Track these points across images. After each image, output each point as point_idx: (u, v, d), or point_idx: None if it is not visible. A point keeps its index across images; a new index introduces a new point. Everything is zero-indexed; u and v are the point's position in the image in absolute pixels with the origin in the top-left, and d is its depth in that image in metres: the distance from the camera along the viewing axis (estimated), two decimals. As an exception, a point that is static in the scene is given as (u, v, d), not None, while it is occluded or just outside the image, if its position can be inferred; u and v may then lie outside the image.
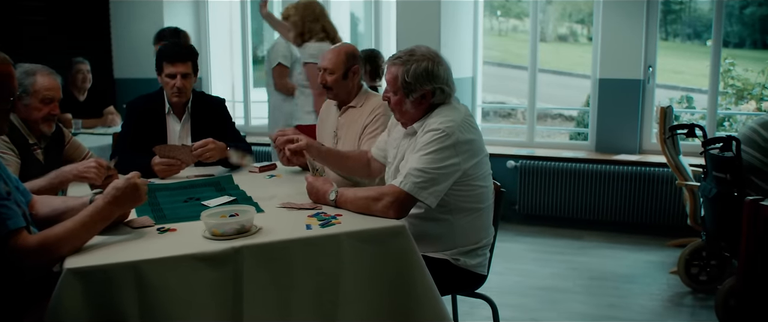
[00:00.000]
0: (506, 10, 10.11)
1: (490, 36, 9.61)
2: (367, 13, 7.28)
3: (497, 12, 9.73)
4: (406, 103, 2.68)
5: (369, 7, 6.80)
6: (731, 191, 3.66)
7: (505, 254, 5.00)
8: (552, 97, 9.15)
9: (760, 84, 6.73)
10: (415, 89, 2.64)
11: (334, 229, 2.36)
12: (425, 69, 2.63)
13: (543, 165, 5.79)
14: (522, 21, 8.94)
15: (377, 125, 3.33)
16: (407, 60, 2.66)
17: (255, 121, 7.21)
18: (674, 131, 4.53)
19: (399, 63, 2.67)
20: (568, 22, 10.26)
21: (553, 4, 8.48)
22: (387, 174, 2.88)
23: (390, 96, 2.72)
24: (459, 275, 2.76)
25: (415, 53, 2.68)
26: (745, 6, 6.99)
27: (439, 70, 2.66)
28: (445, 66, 2.69)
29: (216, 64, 7.21)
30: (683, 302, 4.23)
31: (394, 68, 2.68)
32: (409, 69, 2.63)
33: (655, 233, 5.52)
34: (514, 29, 10.59)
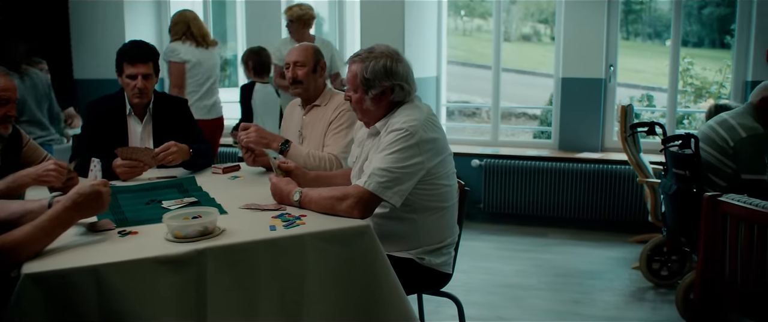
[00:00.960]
0: (470, 10, 10.15)
1: (455, 35, 9.64)
2: (331, 13, 7.26)
3: (461, 12, 9.77)
4: (367, 101, 2.68)
5: (333, 7, 6.79)
6: (690, 187, 3.73)
7: (471, 253, 5.03)
8: (516, 96, 9.20)
9: (718, 83, 6.85)
10: (374, 86, 2.65)
11: (299, 229, 2.34)
12: (384, 66, 2.65)
13: (507, 164, 5.84)
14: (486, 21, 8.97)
15: (341, 121, 3.33)
16: (366, 57, 2.67)
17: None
18: (635, 129, 4.60)
19: (358, 61, 2.68)
20: (531, 22, 10.33)
21: (517, 4, 8.53)
22: (352, 174, 2.88)
23: (351, 94, 2.73)
24: (424, 274, 2.77)
25: (374, 51, 2.69)
26: (704, 6, 7.11)
27: (397, 67, 2.67)
28: (405, 64, 2.71)
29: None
30: (645, 296, 4.30)
31: (354, 66, 2.69)
32: (368, 66, 2.65)
33: (618, 229, 5.60)
34: (478, 29, 10.63)
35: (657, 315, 3.99)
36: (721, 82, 6.75)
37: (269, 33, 6.41)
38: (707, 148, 3.86)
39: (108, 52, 5.04)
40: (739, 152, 3.75)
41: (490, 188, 5.89)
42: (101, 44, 6.47)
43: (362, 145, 2.83)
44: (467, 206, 5.86)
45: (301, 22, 5.50)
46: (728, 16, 5.85)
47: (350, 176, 2.90)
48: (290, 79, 3.44)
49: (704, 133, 3.93)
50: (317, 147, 3.40)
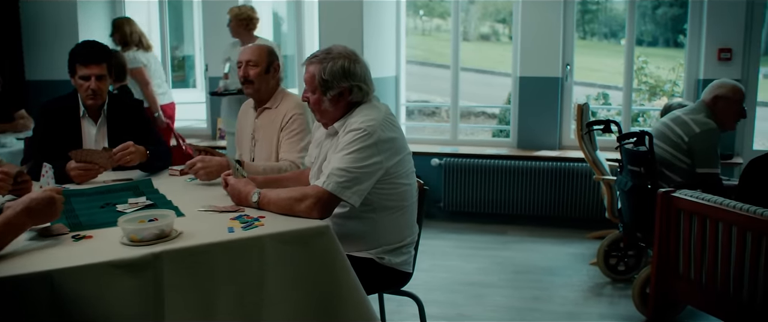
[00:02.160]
0: (429, 10, 10.20)
1: (414, 35, 9.68)
2: (289, 13, 7.23)
3: (420, 12, 9.81)
4: (325, 102, 2.67)
5: (291, 7, 6.76)
6: (645, 183, 3.80)
7: (431, 251, 5.05)
8: (475, 95, 9.28)
9: (671, 81, 7.01)
10: (333, 87, 2.64)
11: (257, 231, 2.32)
12: (342, 67, 2.64)
13: (466, 162, 5.87)
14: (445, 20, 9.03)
15: (293, 127, 3.31)
16: (324, 58, 2.66)
17: (178, 123, 7.04)
18: (591, 127, 4.67)
19: (316, 62, 2.67)
20: (490, 22, 10.42)
21: (476, 3, 8.60)
22: (310, 175, 2.87)
23: (309, 95, 2.72)
24: (384, 274, 2.77)
25: (331, 52, 2.68)
26: (658, 6, 7.26)
27: (355, 68, 2.67)
28: (363, 64, 2.71)
29: (134, 65, 7.00)
30: (603, 291, 4.37)
31: (312, 67, 2.67)
32: (326, 67, 2.64)
33: (576, 226, 5.68)
34: (437, 29, 10.69)
35: (614, 310, 4.06)
36: (675, 81, 6.91)
37: (226, 33, 6.37)
38: (662, 145, 3.94)
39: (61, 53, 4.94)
40: (694, 148, 3.84)
41: (450, 187, 5.92)
42: (54, 45, 6.33)
43: (320, 145, 2.82)
44: (427, 204, 5.89)
45: (239, 21, 5.43)
46: (681, 16, 5.98)
47: (309, 177, 2.89)
48: (241, 78, 3.42)
49: (659, 131, 4.01)
50: (270, 152, 3.38)
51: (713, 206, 2.80)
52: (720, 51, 5.60)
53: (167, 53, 6.92)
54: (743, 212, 2.67)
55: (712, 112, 3.92)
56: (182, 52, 7.91)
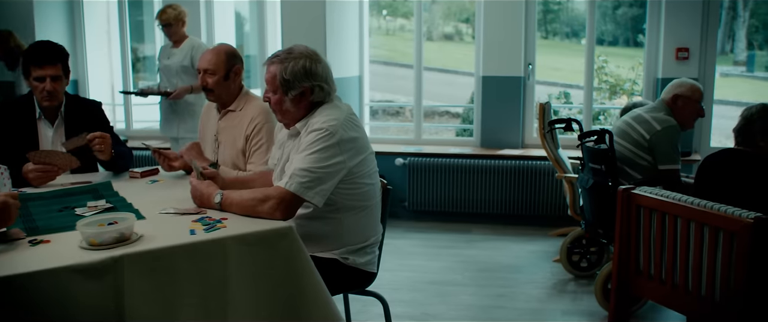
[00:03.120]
0: (393, 10, 10.20)
1: (378, 35, 9.68)
2: (251, 12, 7.17)
3: (383, 11, 9.81)
4: (286, 102, 2.66)
5: (254, 7, 6.71)
6: (606, 181, 3.85)
7: (396, 251, 5.06)
8: (439, 95, 9.32)
9: (631, 80, 7.12)
10: (294, 87, 2.63)
11: (220, 233, 2.30)
12: (303, 67, 2.63)
13: (430, 162, 5.89)
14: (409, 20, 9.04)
15: (260, 136, 3.28)
16: (285, 58, 2.65)
17: (137, 124, 6.96)
18: (553, 126, 4.72)
19: (277, 61, 2.66)
20: (453, 22, 10.47)
21: (439, 3, 8.63)
22: (273, 176, 2.85)
23: (270, 95, 2.70)
24: (349, 274, 2.76)
25: (293, 52, 2.67)
26: (618, 6, 7.37)
27: (317, 67, 2.66)
28: (324, 64, 2.70)
29: (93, 66, 6.89)
30: (566, 288, 4.41)
31: (273, 67, 2.66)
32: (287, 67, 2.63)
33: (539, 223, 5.74)
34: (401, 28, 10.70)
35: (577, 306, 4.10)
36: (634, 80, 7.01)
37: (188, 31, 6.30)
38: (623, 143, 4.00)
39: (17, 54, 4.85)
40: (655, 145, 3.90)
41: (415, 186, 5.93)
42: (10, 45, 6.19)
43: (283, 146, 2.81)
44: (392, 204, 5.89)
45: (180, 22, 5.31)
46: (640, 16, 6.08)
47: (271, 178, 2.87)
48: (201, 87, 3.38)
49: (620, 129, 4.06)
50: (233, 154, 3.34)
51: (672, 202, 2.85)
52: (678, 50, 5.71)
53: (128, 54, 6.82)
54: (701, 208, 2.72)
55: (671, 110, 3.99)
56: (143, 52, 7.80)
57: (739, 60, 7.55)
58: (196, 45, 5.29)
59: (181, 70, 5.25)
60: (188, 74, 5.24)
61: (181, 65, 5.25)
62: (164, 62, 5.36)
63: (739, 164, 3.25)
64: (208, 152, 3.51)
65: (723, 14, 6.60)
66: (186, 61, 5.23)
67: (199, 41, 5.37)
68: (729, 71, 7.53)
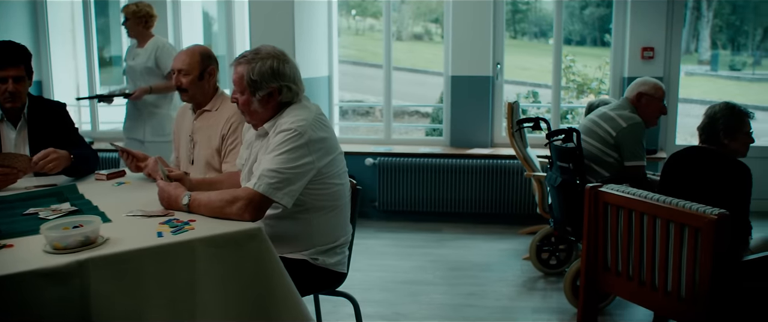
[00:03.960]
0: (362, 10, 10.19)
1: (347, 35, 9.66)
2: (219, 12, 7.12)
3: (353, 11, 9.80)
4: (254, 103, 2.64)
5: (222, 6, 6.66)
6: (574, 179, 3.89)
7: (367, 251, 5.05)
8: (409, 94, 9.33)
9: (598, 79, 7.19)
10: (262, 87, 2.61)
11: (187, 235, 2.28)
12: (271, 67, 2.62)
13: (400, 161, 5.90)
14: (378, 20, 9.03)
15: (236, 135, 3.26)
16: (252, 59, 2.63)
17: (103, 126, 6.87)
18: (521, 125, 4.75)
19: (244, 62, 2.64)
20: (423, 22, 10.49)
21: (408, 3, 8.64)
22: (241, 177, 2.83)
23: (237, 96, 2.68)
24: (319, 275, 2.76)
25: (260, 52, 2.65)
26: (585, 6, 7.44)
27: (285, 68, 2.65)
28: (292, 64, 2.69)
29: (58, 67, 6.78)
30: (536, 285, 4.45)
31: (240, 68, 2.64)
32: (255, 67, 2.61)
33: (508, 222, 5.78)
34: (370, 28, 10.69)
35: (547, 303, 4.14)
36: (601, 79, 7.08)
37: (154, 31, 6.23)
38: (590, 141, 4.04)
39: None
40: (621, 142, 3.95)
41: (385, 186, 5.94)
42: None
43: (251, 147, 2.79)
44: (362, 204, 5.87)
45: (137, 19, 5.12)
46: (607, 16, 6.16)
47: (239, 179, 2.84)
48: (175, 87, 3.35)
49: (586, 127, 4.11)
50: (208, 154, 3.32)
51: (638, 199, 2.89)
52: (643, 50, 5.79)
53: (94, 54, 6.72)
54: (666, 205, 2.76)
55: (636, 108, 4.04)
56: (109, 52, 7.70)
57: (703, 59, 7.68)
58: (160, 45, 5.16)
59: (145, 72, 5.10)
60: (152, 75, 5.11)
61: (145, 66, 5.08)
62: (129, 63, 5.22)
63: (703, 162, 3.30)
64: (183, 153, 3.48)
65: (687, 14, 6.71)
66: (150, 62, 5.09)
67: (164, 41, 5.25)
68: (693, 70, 7.64)
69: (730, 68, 7.55)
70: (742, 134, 3.32)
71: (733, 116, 3.31)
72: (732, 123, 3.31)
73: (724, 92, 7.62)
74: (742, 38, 7.42)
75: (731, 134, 3.31)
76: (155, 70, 5.10)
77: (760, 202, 5.69)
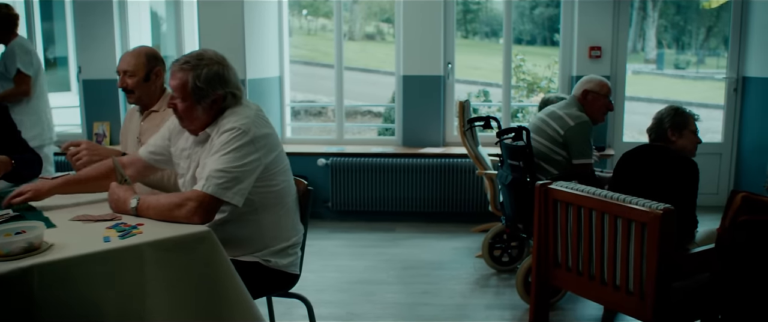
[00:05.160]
0: (314, 9, 10.14)
1: (299, 35, 9.60)
2: (168, 12, 7.01)
3: (304, 11, 9.74)
4: (198, 110, 2.59)
5: (170, 7, 6.56)
6: (524, 177, 3.94)
7: (321, 252, 5.04)
8: (362, 94, 9.32)
9: (547, 78, 7.29)
10: (208, 95, 2.57)
11: (135, 239, 2.24)
12: (217, 73, 2.58)
13: (353, 161, 5.89)
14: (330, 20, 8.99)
15: None
16: (196, 64, 2.57)
17: (49, 128, 6.69)
18: (472, 124, 4.78)
19: (188, 68, 2.57)
20: (375, 21, 10.49)
21: (360, 3, 8.63)
22: (181, 185, 2.77)
23: (177, 103, 2.60)
24: (271, 277, 2.74)
25: (204, 57, 2.60)
26: (535, 6, 7.53)
27: (229, 74, 2.62)
28: (233, 69, 2.66)
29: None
30: (489, 283, 4.49)
31: (182, 74, 2.57)
32: (201, 74, 2.55)
33: (461, 220, 5.82)
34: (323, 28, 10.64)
35: (500, 299, 4.18)
36: (550, 78, 7.18)
37: (101, 32, 6.13)
38: (539, 139, 4.09)
39: None
40: (569, 140, 4.01)
41: (338, 187, 5.92)
42: None
43: (190, 156, 2.72)
44: (315, 205, 5.85)
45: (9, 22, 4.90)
46: (557, 15, 6.24)
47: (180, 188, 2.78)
48: (120, 88, 3.29)
49: (535, 126, 4.16)
50: None
51: (586, 195, 2.94)
52: (591, 49, 5.90)
53: (39, 55, 6.54)
54: (613, 201, 2.81)
55: (582, 105, 4.12)
56: (54, 53, 7.52)
57: (649, 58, 7.85)
58: (8, 49, 4.89)
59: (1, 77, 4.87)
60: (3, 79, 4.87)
61: None
62: None
63: (653, 159, 3.38)
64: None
65: (634, 14, 6.86)
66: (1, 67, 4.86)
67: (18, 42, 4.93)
68: (640, 69, 7.80)
69: (675, 67, 7.73)
70: (688, 131, 3.43)
71: (678, 115, 3.45)
72: (678, 120, 3.43)
73: (670, 90, 7.80)
74: (686, 38, 7.60)
75: (678, 131, 3.41)
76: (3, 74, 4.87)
77: (705, 197, 5.85)
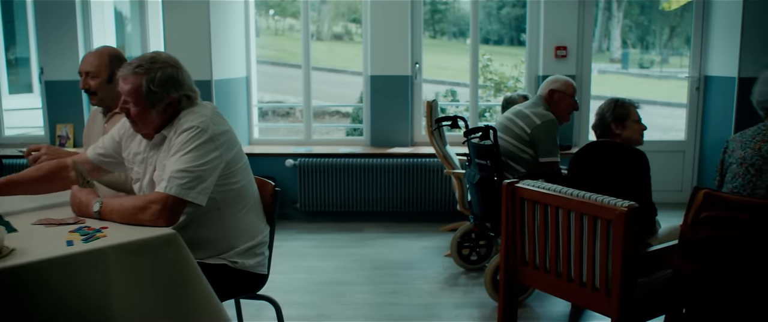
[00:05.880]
0: (281, 9, 10.09)
1: (267, 35, 9.55)
2: (133, 13, 6.92)
3: (271, 11, 9.69)
4: (152, 114, 2.55)
5: (135, 7, 6.48)
6: (492, 175, 3.96)
7: (290, 253, 5.01)
8: (331, 94, 9.30)
9: (514, 77, 7.35)
10: (162, 99, 2.53)
11: (99, 243, 2.20)
12: (171, 76, 2.55)
13: (321, 162, 5.88)
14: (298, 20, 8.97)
15: None
16: (149, 68, 2.53)
17: (9, 131, 6.56)
18: (440, 123, 4.80)
19: (141, 72, 2.52)
20: (343, 21, 10.47)
21: (328, 3, 8.61)
22: (137, 191, 2.73)
23: (130, 107, 2.56)
24: (239, 278, 2.71)
25: (157, 61, 2.56)
26: (502, 6, 7.59)
27: (183, 76, 2.59)
28: (187, 72, 2.64)
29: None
30: (458, 281, 4.51)
31: (135, 78, 2.52)
32: (155, 77, 2.52)
33: (429, 219, 5.84)
34: (290, 28, 10.59)
35: (469, 298, 4.20)
36: (517, 77, 7.24)
37: (63, 32, 6.03)
38: (506, 138, 4.12)
39: None
40: (536, 139, 4.05)
41: (306, 187, 5.90)
42: None
43: (145, 160, 2.68)
44: (283, 206, 5.82)
45: None
46: (523, 15, 6.29)
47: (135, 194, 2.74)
48: (83, 89, 3.23)
49: (502, 125, 4.19)
50: None
51: (552, 194, 2.96)
52: (557, 49, 5.95)
53: (1, 56, 6.43)
54: (579, 198, 2.84)
55: (549, 105, 4.16)
56: (15, 53, 7.38)
57: (614, 58, 7.95)
58: None
59: None
60: None
61: None
62: None
63: (603, 154, 3.44)
64: None
65: (599, 15, 6.94)
66: None
67: None
68: (605, 68, 7.90)
69: (640, 66, 7.85)
70: (631, 121, 3.48)
71: (618, 107, 3.49)
72: (619, 112, 3.47)
73: (634, 89, 7.91)
74: (650, 37, 7.72)
75: (621, 123, 3.47)
76: None
77: (669, 194, 5.95)
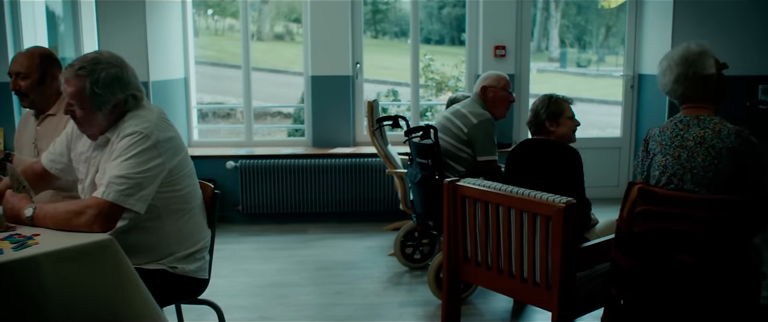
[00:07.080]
0: (220, 9, 9.96)
1: (206, 35, 9.41)
2: (66, 12, 6.73)
3: (209, 11, 9.56)
4: (98, 116, 2.49)
5: (68, 6, 6.30)
6: (433, 174, 3.99)
7: (232, 256, 4.95)
8: (272, 95, 9.22)
9: (455, 77, 7.41)
10: (108, 100, 2.47)
11: (31, 250, 2.13)
12: (115, 76, 2.48)
13: (263, 163, 5.82)
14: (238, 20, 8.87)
15: None
16: (93, 69, 2.46)
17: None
18: (381, 123, 4.81)
19: (84, 74, 2.45)
20: (284, 21, 10.39)
21: (269, 3, 8.53)
22: (80, 191, 2.66)
23: (75, 109, 2.49)
24: (179, 283, 2.67)
25: (100, 61, 2.49)
26: (443, 6, 7.64)
27: (128, 76, 2.53)
28: (132, 70, 2.58)
29: None
30: (401, 280, 4.53)
31: (78, 80, 2.45)
32: (98, 79, 2.45)
33: (373, 219, 5.85)
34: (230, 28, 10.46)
35: (413, 296, 4.22)
36: (458, 77, 7.31)
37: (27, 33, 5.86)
38: (445, 138, 4.16)
39: None
40: (473, 138, 4.09)
41: (248, 189, 5.83)
42: None
43: (88, 160, 2.62)
44: (225, 208, 5.76)
45: None
46: (464, 15, 6.35)
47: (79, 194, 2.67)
48: (13, 91, 3.13)
49: (442, 124, 4.23)
50: None
51: (493, 191, 3.00)
52: (496, 48, 6.04)
53: None
54: (518, 195, 2.89)
55: (484, 102, 4.21)
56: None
57: (553, 57, 8.11)
58: None
59: None
60: None
61: None
62: None
63: (537, 152, 3.48)
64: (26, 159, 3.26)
65: (537, 14, 7.07)
66: None
67: None
68: (544, 67, 8.04)
69: (578, 65, 8.01)
70: (565, 118, 3.52)
71: (552, 104, 3.52)
72: (553, 109, 3.50)
73: (572, 88, 8.07)
74: (587, 37, 7.89)
75: (555, 120, 3.50)
76: None
77: (606, 189, 6.09)
